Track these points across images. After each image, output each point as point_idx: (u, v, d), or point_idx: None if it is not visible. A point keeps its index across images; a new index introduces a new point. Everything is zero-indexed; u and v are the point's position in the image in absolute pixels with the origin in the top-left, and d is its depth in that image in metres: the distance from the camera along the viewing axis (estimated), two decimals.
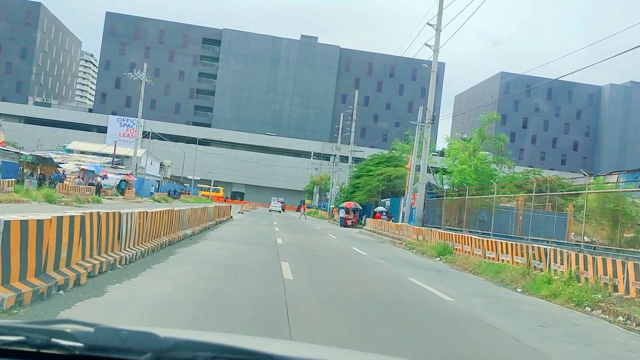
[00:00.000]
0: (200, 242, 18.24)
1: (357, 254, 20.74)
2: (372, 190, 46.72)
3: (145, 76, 54.50)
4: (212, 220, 25.91)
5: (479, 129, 32.81)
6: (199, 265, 12.24)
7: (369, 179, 48.06)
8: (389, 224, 32.99)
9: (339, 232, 36.59)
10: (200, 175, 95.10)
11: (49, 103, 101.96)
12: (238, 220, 34.85)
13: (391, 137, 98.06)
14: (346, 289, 11.10)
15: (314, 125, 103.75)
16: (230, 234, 22.90)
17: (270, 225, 32.70)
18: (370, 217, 50.27)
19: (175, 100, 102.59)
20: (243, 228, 27.74)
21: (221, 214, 30.22)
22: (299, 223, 42.94)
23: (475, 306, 10.47)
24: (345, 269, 15.78)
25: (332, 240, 26.89)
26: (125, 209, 11.88)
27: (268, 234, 25.19)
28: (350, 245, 24.61)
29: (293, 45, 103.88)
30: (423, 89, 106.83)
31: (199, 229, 21.33)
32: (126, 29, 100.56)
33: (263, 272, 12.27)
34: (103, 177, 47.41)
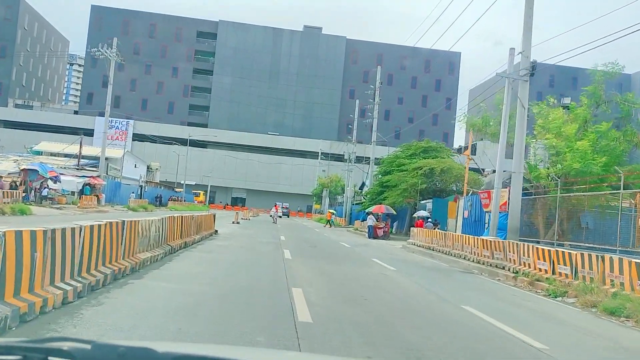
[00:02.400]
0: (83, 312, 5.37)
1: (505, 334, 7.88)
2: (408, 189, 33.98)
3: (116, 54, 41.71)
4: (174, 242, 13.35)
5: (593, 87, 20.32)
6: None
7: (403, 175, 35.35)
8: (459, 238, 20.35)
9: (378, 249, 23.88)
10: (196, 180, 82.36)
11: (30, 105, 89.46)
12: (225, 236, 22.08)
13: (404, 134, 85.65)
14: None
15: (319, 123, 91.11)
16: (182, 278, 10.15)
17: (275, 245, 19.95)
18: (402, 224, 37.43)
19: (168, 99, 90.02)
20: (225, 255, 14.96)
21: (196, 230, 17.56)
22: (316, 237, 30.09)
23: None
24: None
25: (398, 280, 14.08)
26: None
27: (273, 273, 12.37)
28: (431, 288, 12.04)
29: (295, 37, 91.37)
30: (438, 81, 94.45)
31: (126, 265, 8.79)
32: (113, 23, 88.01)
33: None
34: (55, 180, 34.73)
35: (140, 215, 17.94)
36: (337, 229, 44.63)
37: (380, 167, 41.12)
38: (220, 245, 17.19)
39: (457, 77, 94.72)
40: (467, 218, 26.68)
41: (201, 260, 12.65)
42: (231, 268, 11.69)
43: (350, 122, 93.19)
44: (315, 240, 25.63)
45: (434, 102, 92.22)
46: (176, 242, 13.83)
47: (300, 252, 17.92)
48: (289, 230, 35.27)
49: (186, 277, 9.70)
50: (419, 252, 23.24)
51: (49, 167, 34.69)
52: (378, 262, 16.65)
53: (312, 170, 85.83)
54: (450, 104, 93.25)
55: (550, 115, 21.66)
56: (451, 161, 35.70)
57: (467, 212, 26.54)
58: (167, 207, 54.93)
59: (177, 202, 62.77)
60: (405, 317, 7.90)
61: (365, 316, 7.49)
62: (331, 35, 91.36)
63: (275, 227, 35.35)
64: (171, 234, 13.45)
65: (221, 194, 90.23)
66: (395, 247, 26.04)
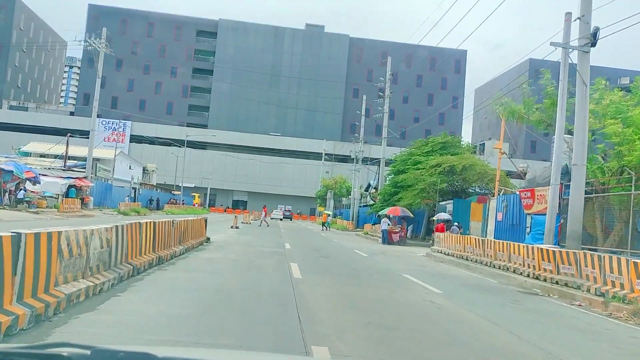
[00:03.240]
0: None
1: None
2: (426, 189, 29.92)
3: (104, 44, 37.73)
4: (140, 259, 9.31)
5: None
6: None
7: (419, 173, 31.27)
8: (504, 246, 16.26)
9: (400, 259, 19.89)
10: (195, 183, 78.30)
11: (25, 107, 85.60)
12: (219, 245, 18.01)
13: (410, 133, 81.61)
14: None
15: (322, 123, 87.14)
16: (115, 333, 5.96)
17: (279, 257, 15.88)
18: (418, 227, 33.35)
19: (167, 99, 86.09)
20: (210, 276, 10.80)
21: (180, 239, 13.53)
22: (325, 243, 25.96)
23: None
24: None
25: (459, 315, 9.95)
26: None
27: (278, 312, 8.26)
28: (516, 330, 7.87)
29: (297, 36, 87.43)
30: (444, 79, 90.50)
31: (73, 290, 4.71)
32: (111, 22, 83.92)
33: None
34: (34, 181, 30.72)
35: (130, 220, 14.20)
36: (345, 233, 40.52)
37: (393, 166, 37.02)
38: (208, 260, 13.10)
39: (463, 75, 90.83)
40: (501, 221, 22.60)
41: (172, 288, 8.57)
42: (213, 302, 7.62)
43: (354, 121, 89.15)
44: (325, 248, 21.55)
45: (440, 101, 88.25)
46: (143, 259, 9.77)
47: (311, 266, 13.85)
48: (293, 235, 31.18)
49: (125, 330, 5.62)
50: (450, 262, 19.14)
51: (26, 166, 30.65)
52: (413, 280, 12.58)
53: (315, 171, 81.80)
54: (457, 103, 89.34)
55: (605, 98, 17.75)
56: (473, 157, 31.67)
57: (502, 214, 22.47)
58: (163, 210, 50.89)
59: (175, 206, 58.69)
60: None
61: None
62: (334, 33, 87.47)
63: (278, 233, 31.26)
64: (135, 247, 9.40)
65: (222, 197, 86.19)
66: (418, 256, 21.96)
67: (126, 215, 36.88)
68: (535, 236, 19.28)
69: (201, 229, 17.57)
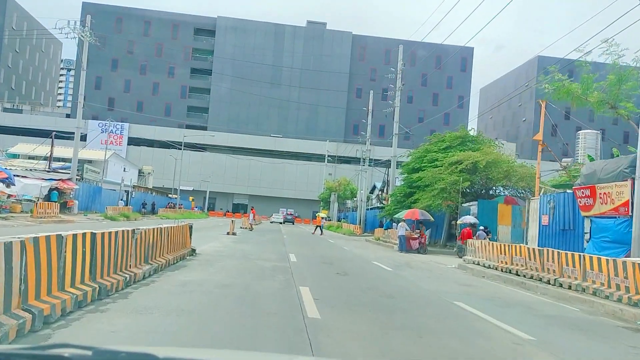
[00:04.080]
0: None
1: None
2: (447, 189, 25.97)
3: (88, 32, 33.84)
4: (53, 297, 5.34)
5: None
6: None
7: (438, 171, 27.34)
8: (577, 260, 12.28)
9: (432, 274, 16.01)
10: (194, 186, 74.40)
11: (20, 109, 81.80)
12: (206, 260, 13.99)
13: (415, 133, 77.72)
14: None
15: (325, 124, 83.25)
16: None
17: (283, 278, 11.89)
18: (438, 232, 29.39)
19: (165, 100, 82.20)
20: (178, 319, 6.71)
21: (145, 255, 9.54)
22: (336, 252, 21.88)
23: None
24: None
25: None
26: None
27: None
28: None
29: (298, 33, 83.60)
30: (450, 78, 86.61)
31: None
32: (106, 21, 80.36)
33: None
34: (7, 182, 26.83)
35: (118, 226, 10.62)
36: (353, 239, 36.54)
37: (406, 164, 33.01)
38: (182, 285, 9.07)
39: (469, 74, 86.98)
40: (547, 226, 18.62)
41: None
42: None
43: (357, 122, 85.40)
44: (338, 260, 17.58)
45: (446, 101, 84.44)
46: (61, 298, 5.82)
47: (329, 292, 9.88)
48: (297, 241, 27.23)
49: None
50: (496, 278, 15.15)
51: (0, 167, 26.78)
52: (475, 314, 8.61)
53: (317, 173, 77.90)
54: (463, 103, 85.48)
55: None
56: (497, 153, 27.71)
57: (548, 217, 18.50)
58: (158, 214, 46.95)
59: (172, 210, 54.73)
60: None
61: None
62: (336, 30, 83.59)
63: (280, 239, 27.29)
64: (45, 279, 5.46)
65: (222, 201, 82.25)
66: (450, 269, 18.00)
67: (113, 221, 33.00)
68: (601, 244, 15.32)
69: (184, 238, 13.62)
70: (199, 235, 24.13)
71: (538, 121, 78.54)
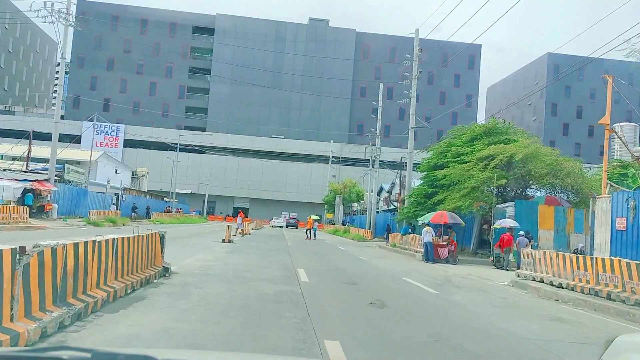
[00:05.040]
0: None
1: None
2: (480, 187, 21.76)
3: (67, 16, 29.64)
4: None
5: None
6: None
7: (466, 167, 23.13)
8: None
9: (489, 298, 11.76)
10: (192, 189, 70.26)
11: (13, 111, 77.77)
12: (180, 283, 9.67)
13: (421, 134, 73.58)
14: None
15: (328, 124, 79.02)
16: None
17: (294, 312, 7.58)
18: (467, 238, 25.14)
19: (163, 101, 78.05)
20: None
21: (80, 287, 5.31)
22: (355, 265, 17.44)
23: None
24: None
25: None
26: None
27: None
28: None
29: (300, 31, 79.51)
30: (457, 76, 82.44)
31: None
32: (102, 18, 76.37)
33: None
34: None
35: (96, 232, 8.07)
36: (365, 245, 32.28)
37: (427, 161, 28.72)
38: (116, 345, 4.89)
39: (477, 71, 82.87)
40: (623, 231, 14.37)
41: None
42: None
43: (362, 122, 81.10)
44: (361, 276, 13.30)
45: (453, 100, 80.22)
46: None
47: (374, 349, 5.68)
48: (304, 249, 22.99)
49: None
50: (579, 303, 10.85)
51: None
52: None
53: (321, 176, 73.74)
54: (472, 102, 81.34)
55: None
56: (538, 145, 23.48)
57: (625, 220, 14.26)
58: (151, 219, 42.72)
59: (168, 214, 50.51)
60: None
61: None
62: (339, 28, 79.46)
63: (284, 248, 23.02)
64: None
65: (222, 204, 77.97)
66: (503, 287, 13.74)
67: (96, 226, 28.77)
68: None
69: (151, 253, 9.38)
70: (188, 244, 19.90)
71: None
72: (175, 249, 17.44)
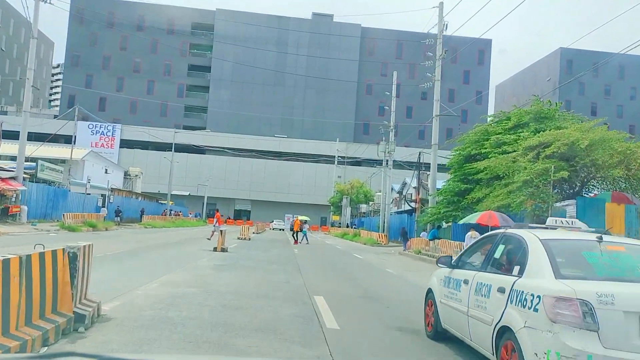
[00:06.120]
0: None
1: None
2: (532, 182, 16.98)
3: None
4: None
5: None
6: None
7: (512, 158, 18.37)
8: None
9: None
10: (191, 191, 65.59)
11: (5, 111, 73.22)
12: (118, 335, 4.90)
13: (429, 131, 68.99)
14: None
15: (332, 123, 74.25)
16: None
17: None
18: None
19: (161, 100, 73.42)
20: None
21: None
22: (399, 288, 12.63)
23: None
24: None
25: None
26: None
27: None
28: None
29: (303, 26, 74.91)
30: (466, 72, 77.73)
31: None
32: (97, 15, 71.89)
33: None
34: None
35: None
36: (382, 251, 27.49)
37: (456, 154, 24.01)
38: None
39: (488, 67, 78.18)
40: None
41: None
42: None
43: (368, 120, 76.42)
44: (414, 309, 8.56)
45: (462, 96, 75.42)
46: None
47: None
48: (316, 260, 18.27)
49: None
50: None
51: None
52: None
53: (326, 176, 69.03)
54: (482, 98, 76.66)
55: None
56: (604, 129, 18.72)
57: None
58: (142, 223, 38.00)
59: (163, 217, 45.81)
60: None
61: None
62: (344, 23, 74.78)
63: (291, 258, 18.27)
64: None
65: (222, 207, 72.95)
66: None
67: (72, 232, 24.16)
68: None
69: (53, 288, 4.65)
70: (167, 256, 15.19)
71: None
72: (141, 264, 12.68)
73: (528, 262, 4.29)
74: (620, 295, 3.64)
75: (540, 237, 4.49)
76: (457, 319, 5.27)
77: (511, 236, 4.99)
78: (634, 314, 3.59)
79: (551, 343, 3.63)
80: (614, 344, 3.54)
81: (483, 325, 4.58)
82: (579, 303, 3.61)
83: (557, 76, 74.98)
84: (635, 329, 3.57)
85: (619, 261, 4.26)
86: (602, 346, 3.53)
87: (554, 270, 4.00)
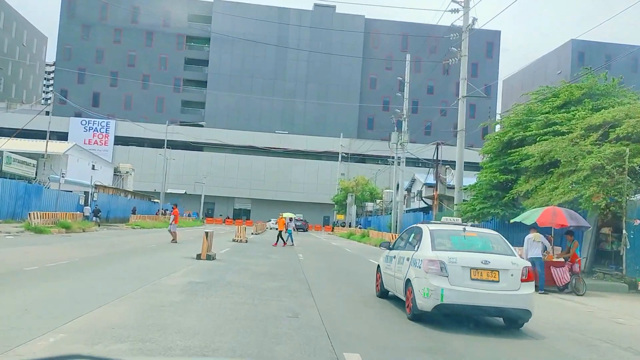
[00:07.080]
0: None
1: None
2: (604, 169, 12.94)
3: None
4: None
5: None
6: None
7: (571, 141, 14.32)
8: None
9: None
10: (187, 189, 61.52)
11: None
12: None
13: (436, 127, 65.07)
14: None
15: (335, 118, 70.26)
16: None
17: None
18: (585, 250, 16.03)
19: (157, 94, 69.39)
20: None
21: None
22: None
23: None
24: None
25: None
26: None
27: None
28: None
29: (305, 18, 70.87)
30: (474, 65, 73.15)
31: None
32: (90, 7, 67.95)
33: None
34: None
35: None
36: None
37: (490, 140, 20.00)
38: None
39: (496, 60, 74.06)
40: None
41: None
42: None
43: (372, 115, 72.45)
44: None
45: (471, 90, 71.52)
46: None
47: None
48: (329, 270, 14.27)
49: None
50: None
51: None
52: None
53: (328, 174, 65.00)
54: (490, 92, 72.59)
55: None
56: None
57: None
58: (129, 223, 33.96)
59: (154, 217, 41.79)
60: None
61: None
62: (347, 14, 70.64)
63: (295, 266, 14.23)
64: None
65: (221, 206, 69.23)
66: None
67: (37, 234, 20.24)
68: None
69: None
70: (130, 267, 11.10)
71: None
72: (80, 284, 8.39)
73: (421, 242, 7.34)
74: (460, 258, 6.73)
75: (430, 228, 7.57)
76: (391, 281, 8.38)
77: (417, 227, 8.10)
78: (466, 268, 6.62)
79: (425, 284, 6.69)
80: (455, 283, 6.57)
81: (400, 281, 7.66)
82: (439, 262, 6.69)
83: (569, 69, 70.92)
84: (467, 275, 6.59)
85: (468, 241, 7.27)
86: (450, 284, 6.56)
87: (432, 246, 7.06)
